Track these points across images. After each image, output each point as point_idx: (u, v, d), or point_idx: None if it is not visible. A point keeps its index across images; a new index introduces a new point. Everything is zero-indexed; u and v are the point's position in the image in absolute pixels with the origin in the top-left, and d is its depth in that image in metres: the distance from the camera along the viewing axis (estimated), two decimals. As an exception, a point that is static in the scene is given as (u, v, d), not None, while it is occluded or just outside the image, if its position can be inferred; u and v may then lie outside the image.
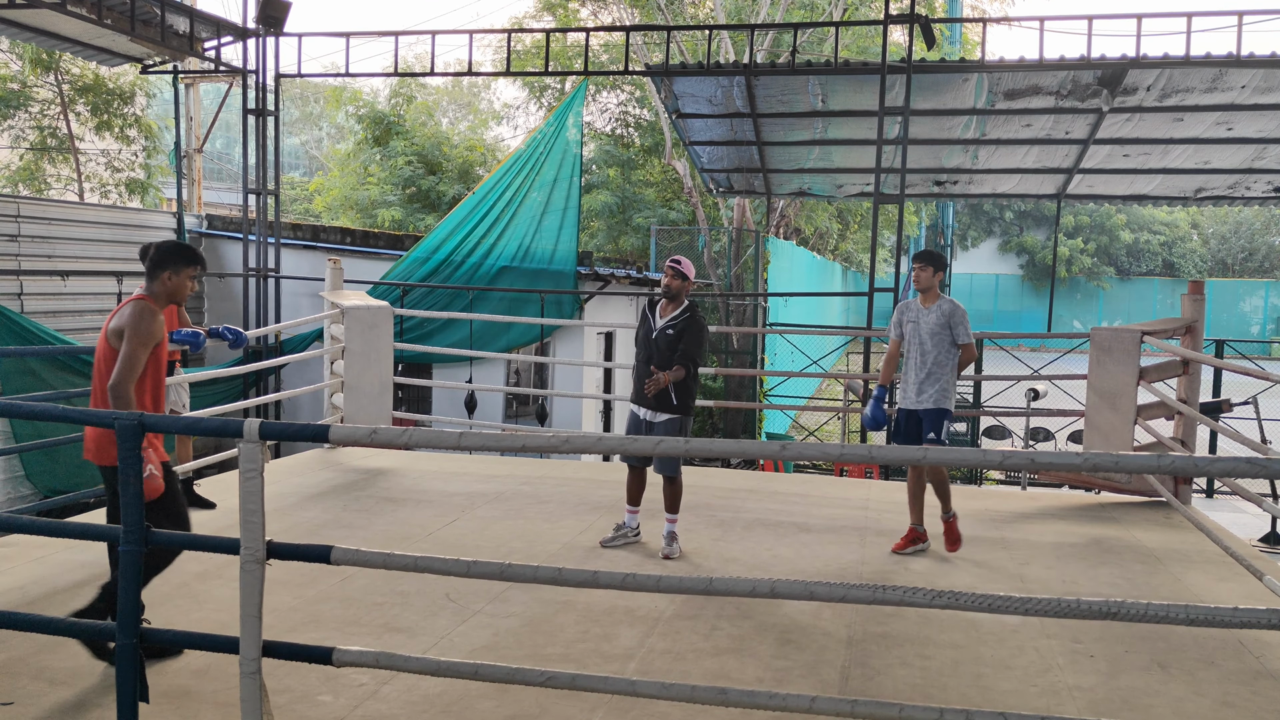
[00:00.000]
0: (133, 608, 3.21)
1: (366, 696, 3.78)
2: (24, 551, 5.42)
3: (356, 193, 21.46)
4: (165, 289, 4.12)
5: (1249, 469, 2.56)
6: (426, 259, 12.88)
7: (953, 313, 5.94)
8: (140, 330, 3.93)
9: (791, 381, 17.89)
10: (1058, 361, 14.08)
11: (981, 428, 13.42)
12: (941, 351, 5.93)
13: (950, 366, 5.95)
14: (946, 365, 5.94)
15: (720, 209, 22.66)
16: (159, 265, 4.10)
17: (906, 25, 10.42)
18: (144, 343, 3.94)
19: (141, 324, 3.94)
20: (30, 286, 11.63)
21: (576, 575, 3.18)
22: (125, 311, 4.00)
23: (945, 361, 5.94)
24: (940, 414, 5.94)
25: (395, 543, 5.79)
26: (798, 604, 4.86)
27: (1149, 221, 44.55)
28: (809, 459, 3.42)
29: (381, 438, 3.18)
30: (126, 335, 3.92)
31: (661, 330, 5.74)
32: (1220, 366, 8.51)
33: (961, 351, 5.97)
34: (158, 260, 4.10)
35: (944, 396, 5.94)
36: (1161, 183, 14.51)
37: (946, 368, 5.94)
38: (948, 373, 5.94)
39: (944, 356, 5.94)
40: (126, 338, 3.91)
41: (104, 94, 17.41)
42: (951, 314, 5.94)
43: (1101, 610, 2.66)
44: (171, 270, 4.10)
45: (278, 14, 11.85)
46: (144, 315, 3.97)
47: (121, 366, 3.88)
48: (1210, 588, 5.43)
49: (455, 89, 41.04)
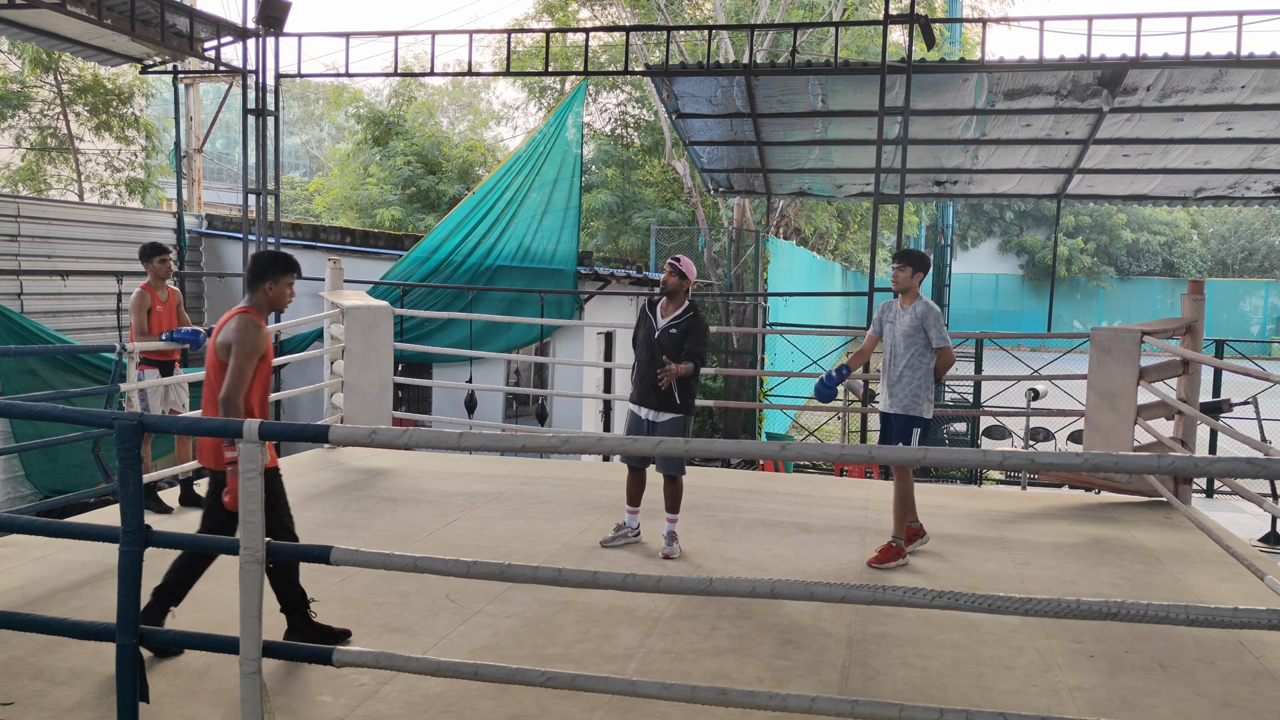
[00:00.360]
0: (133, 608, 3.22)
1: (366, 696, 3.78)
2: (24, 551, 5.42)
3: (356, 193, 21.47)
4: (267, 299, 4.25)
5: (1249, 469, 2.56)
6: (426, 259, 12.89)
7: (926, 315, 5.72)
8: (245, 344, 4.05)
9: (791, 381, 17.89)
10: (1058, 361, 14.08)
11: (981, 428, 13.42)
12: (914, 355, 5.72)
13: (924, 370, 5.72)
14: (919, 369, 5.73)
15: (720, 209, 22.67)
16: (259, 277, 4.22)
17: (906, 25, 10.42)
18: (249, 355, 4.06)
19: (246, 337, 4.05)
20: (30, 286, 11.63)
21: (576, 575, 3.18)
22: (230, 325, 4.12)
23: (918, 365, 5.73)
24: (908, 420, 5.74)
25: (395, 543, 5.79)
26: (798, 604, 4.86)
27: (1149, 221, 44.57)
28: (809, 459, 3.42)
29: (381, 438, 3.18)
30: (233, 350, 4.04)
31: (665, 330, 5.70)
32: (1220, 366, 8.51)
33: (938, 355, 5.75)
34: (257, 272, 4.23)
35: (914, 402, 5.73)
36: (1161, 183, 14.51)
37: (919, 371, 5.73)
38: (920, 377, 5.72)
39: (916, 360, 5.72)
40: (234, 352, 4.04)
41: (103, 94, 17.42)
42: (925, 316, 5.72)
43: (1101, 610, 2.66)
44: (271, 281, 4.23)
45: (278, 14, 11.85)
46: (248, 329, 4.08)
47: (230, 380, 4.02)
48: (1210, 588, 5.43)
49: (456, 89, 41.05)
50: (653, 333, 5.72)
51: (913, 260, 5.81)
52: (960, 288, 37.04)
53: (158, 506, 6.35)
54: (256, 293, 4.23)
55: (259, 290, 4.22)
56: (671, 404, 5.63)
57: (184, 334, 6.42)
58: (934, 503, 7.36)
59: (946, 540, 6.28)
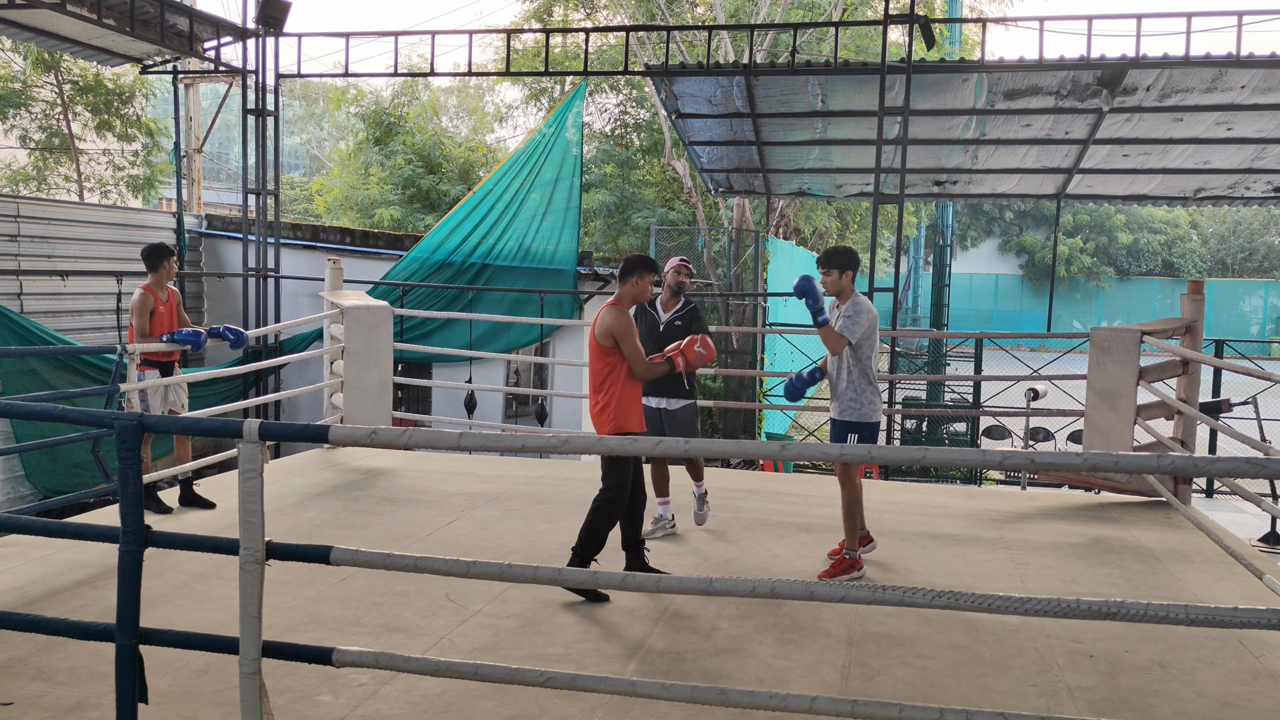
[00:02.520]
0: (133, 607, 3.21)
1: (366, 696, 3.78)
2: (24, 551, 5.42)
3: (356, 192, 21.45)
4: (631, 292, 5.10)
5: (1249, 469, 2.56)
6: (426, 259, 12.89)
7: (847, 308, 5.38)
8: (622, 328, 4.95)
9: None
10: (1058, 361, 14.08)
11: (981, 428, 13.42)
12: (848, 358, 5.39)
13: (859, 372, 5.38)
14: (854, 372, 5.39)
15: (720, 209, 22.66)
16: (627, 274, 5.08)
17: (906, 25, 10.43)
18: (631, 334, 4.98)
19: (620, 323, 4.96)
20: (30, 286, 11.63)
21: (576, 575, 3.18)
22: (604, 317, 4.97)
23: (852, 367, 5.39)
24: (844, 427, 5.43)
25: (395, 543, 5.79)
26: (798, 604, 4.86)
27: (1148, 221, 44.56)
28: (809, 459, 3.42)
29: (381, 438, 3.18)
30: (619, 338, 4.93)
31: (669, 323, 6.09)
32: (1220, 366, 8.51)
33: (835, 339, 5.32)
34: (626, 270, 5.08)
35: (850, 408, 5.41)
36: (1161, 183, 14.51)
37: (854, 374, 5.39)
38: (854, 380, 5.39)
39: (851, 362, 5.39)
40: (620, 339, 4.93)
41: (104, 94, 17.42)
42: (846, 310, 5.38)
43: (1101, 610, 2.66)
44: (637, 277, 5.06)
45: (278, 14, 11.85)
46: (619, 316, 4.98)
47: (634, 362, 4.97)
48: (1210, 588, 5.43)
49: (461, 92, 41.03)
50: (657, 326, 6.10)
51: (837, 261, 5.38)
52: (960, 288, 37.08)
53: (158, 506, 6.35)
54: (625, 285, 5.07)
55: (627, 284, 5.06)
56: (682, 391, 6.08)
57: (185, 335, 6.41)
58: (934, 503, 7.36)
59: (946, 540, 6.28)
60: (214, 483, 7.22)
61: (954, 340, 24.13)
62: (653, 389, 5.97)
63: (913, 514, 6.94)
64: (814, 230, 26.91)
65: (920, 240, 35.64)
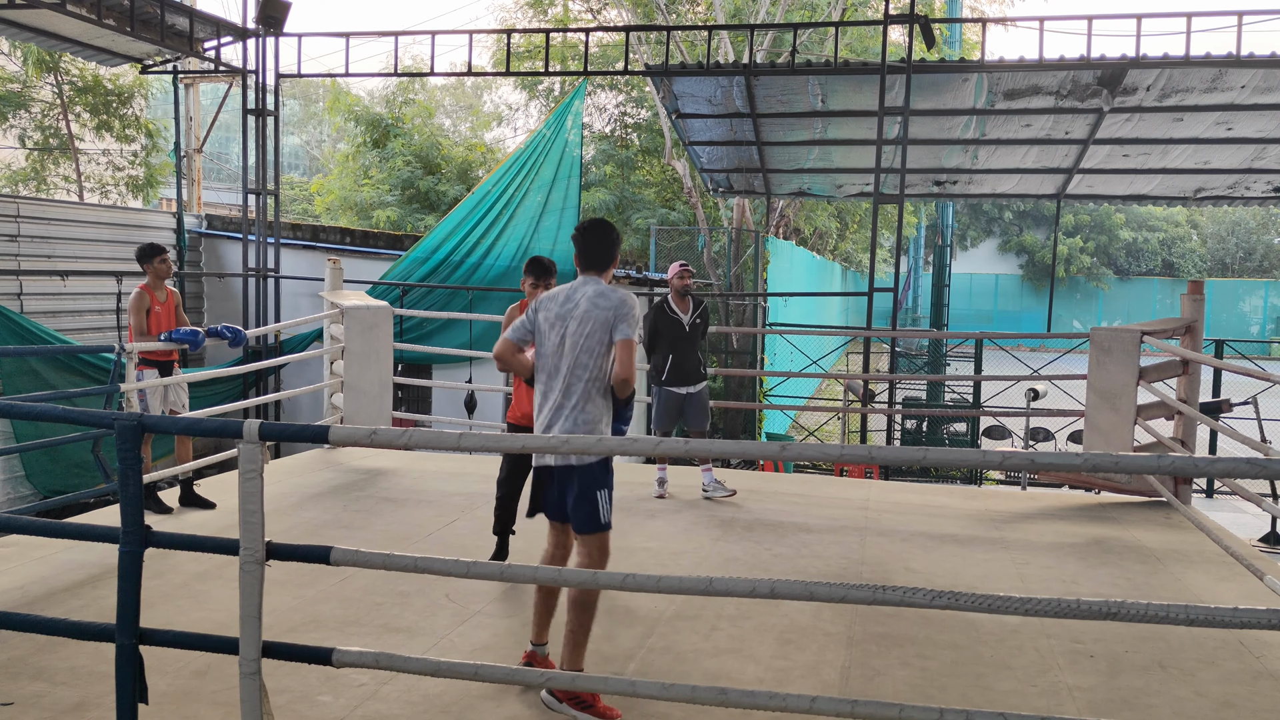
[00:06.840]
0: (133, 608, 3.21)
1: (366, 697, 3.78)
2: (24, 551, 5.42)
3: (354, 194, 21.45)
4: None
5: (1249, 469, 2.56)
6: (426, 259, 12.88)
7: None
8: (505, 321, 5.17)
9: (791, 381, 17.88)
10: (1058, 361, 14.06)
11: (981, 428, 13.42)
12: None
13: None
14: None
15: (720, 209, 22.66)
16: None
17: (906, 25, 10.42)
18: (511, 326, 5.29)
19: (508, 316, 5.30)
20: (30, 286, 11.63)
21: (576, 575, 3.18)
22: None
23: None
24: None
25: (395, 543, 5.79)
26: (798, 604, 4.86)
27: (1148, 220, 44.56)
28: (809, 459, 3.42)
29: (381, 438, 3.18)
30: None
31: (693, 324, 7.07)
32: (1220, 366, 8.51)
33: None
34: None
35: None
36: (1161, 183, 14.51)
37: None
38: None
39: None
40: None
41: (103, 95, 17.41)
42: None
43: (1101, 610, 2.66)
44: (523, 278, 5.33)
45: (277, 14, 11.85)
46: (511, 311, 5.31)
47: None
48: (1210, 588, 5.43)
49: (459, 91, 41.01)
50: (682, 326, 7.03)
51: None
52: (960, 288, 37.07)
53: (158, 506, 6.35)
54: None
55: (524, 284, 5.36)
56: (700, 376, 7.13)
57: (183, 334, 6.41)
58: (934, 503, 7.37)
59: (946, 540, 6.28)
60: (214, 483, 7.22)
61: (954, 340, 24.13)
62: (685, 379, 7.02)
63: (913, 514, 6.94)
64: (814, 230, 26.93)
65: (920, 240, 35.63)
